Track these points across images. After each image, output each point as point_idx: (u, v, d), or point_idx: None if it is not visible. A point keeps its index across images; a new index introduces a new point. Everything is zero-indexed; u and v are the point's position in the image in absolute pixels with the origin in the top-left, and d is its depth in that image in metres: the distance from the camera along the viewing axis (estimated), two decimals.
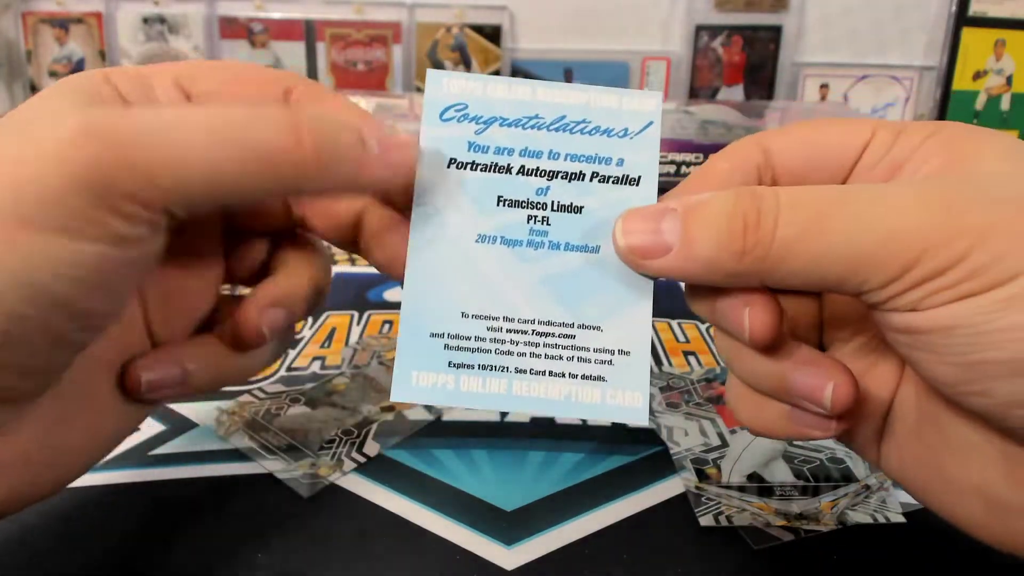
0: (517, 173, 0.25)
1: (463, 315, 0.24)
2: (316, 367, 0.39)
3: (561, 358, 0.24)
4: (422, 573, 0.26)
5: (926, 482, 0.23)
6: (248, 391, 0.37)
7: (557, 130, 0.25)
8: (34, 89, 0.79)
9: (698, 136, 0.55)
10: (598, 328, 0.24)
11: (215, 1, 0.78)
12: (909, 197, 0.19)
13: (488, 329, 0.24)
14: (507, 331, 0.24)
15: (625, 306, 0.24)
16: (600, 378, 0.24)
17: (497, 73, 0.79)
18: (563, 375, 0.24)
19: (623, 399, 0.24)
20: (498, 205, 0.24)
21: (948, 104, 0.77)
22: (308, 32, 0.78)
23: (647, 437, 0.34)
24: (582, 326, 0.24)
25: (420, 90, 0.79)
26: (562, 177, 0.25)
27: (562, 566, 0.27)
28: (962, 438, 0.21)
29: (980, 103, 0.77)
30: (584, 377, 0.24)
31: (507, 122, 0.25)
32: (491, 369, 0.24)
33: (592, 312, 0.24)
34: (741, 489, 0.31)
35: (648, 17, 0.79)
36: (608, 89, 0.25)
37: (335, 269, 0.50)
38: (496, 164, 0.25)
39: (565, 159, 0.25)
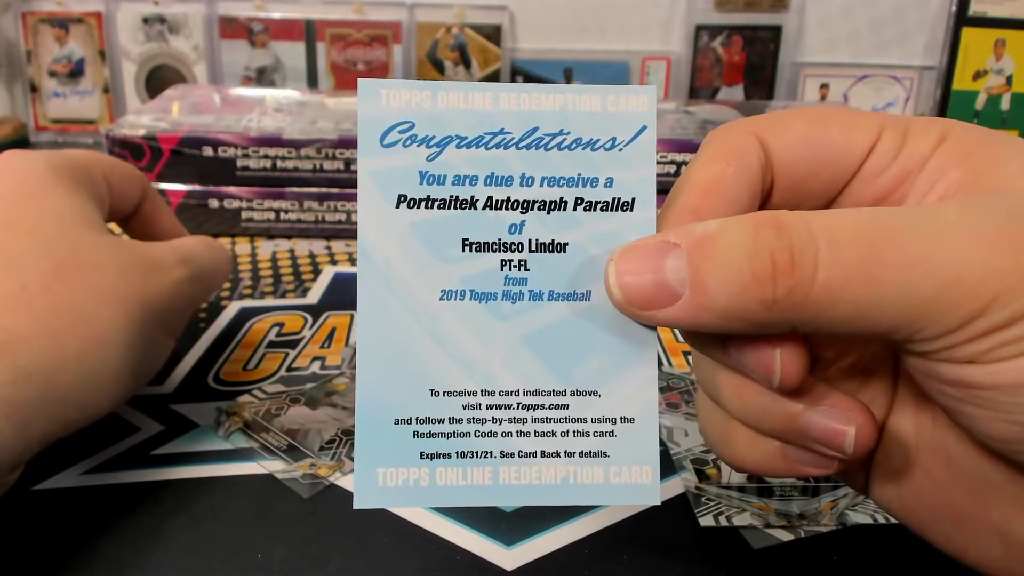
0: (484, 207, 0.20)
1: (432, 393, 0.20)
2: (316, 367, 0.39)
3: (554, 434, 0.20)
4: (422, 573, 0.26)
5: (932, 519, 0.21)
6: (248, 391, 0.37)
7: (529, 147, 0.20)
8: (34, 89, 0.79)
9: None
10: (595, 393, 0.20)
11: (215, 1, 0.78)
12: (967, 231, 0.17)
13: (464, 407, 0.20)
14: (487, 407, 0.20)
15: (625, 364, 0.20)
16: (602, 453, 0.20)
17: (497, 73, 0.79)
18: (558, 454, 0.20)
19: (630, 476, 0.20)
20: (464, 250, 0.20)
21: (948, 104, 0.77)
22: (308, 32, 0.78)
23: None
24: (576, 393, 0.20)
25: None
26: (539, 207, 0.20)
27: (562, 566, 0.27)
28: (980, 476, 0.20)
29: (980, 103, 0.77)
30: (583, 454, 0.20)
31: (466, 141, 0.20)
32: (472, 456, 0.20)
33: (586, 374, 0.20)
34: (741, 489, 0.31)
35: (648, 17, 0.79)
36: (588, 88, 0.20)
37: (336, 270, 0.50)
38: (457, 198, 0.20)
39: (541, 184, 0.20)
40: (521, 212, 0.20)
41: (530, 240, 0.20)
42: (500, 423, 0.20)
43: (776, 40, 0.78)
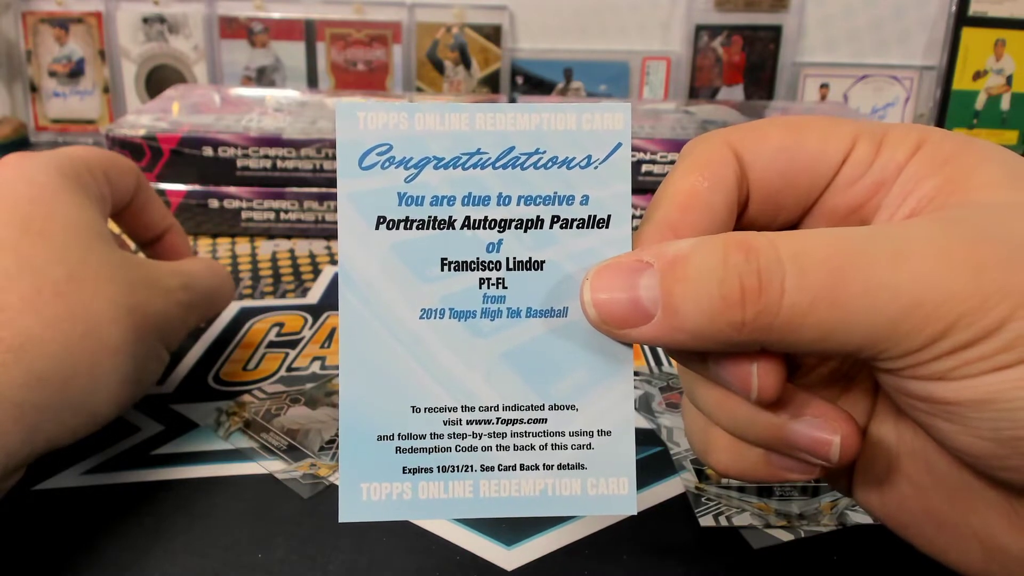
0: (462, 227, 0.21)
1: (414, 409, 0.21)
2: (316, 367, 0.39)
3: (533, 448, 0.21)
4: (422, 573, 0.26)
5: (914, 523, 0.21)
6: (248, 391, 0.37)
7: (505, 167, 0.21)
8: (34, 89, 0.79)
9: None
10: (572, 407, 0.21)
11: (215, 1, 0.78)
12: (931, 254, 0.17)
13: (445, 423, 0.21)
14: (467, 423, 0.21)
15: (601, 378, 0.21)
16: (579, 466, 0.21)
17: (497, 73, 0.79)
18: (536, 467, 0.21)
19: (607, 487, 0.21)
20: (443, 270, 0.21)
21: (948, 104, 0.77)
22: (308, 32, 0.78)
23: (647, 438, 0.34)
24: (554, 407, 0.21)
25: (420, 90, 0.79)
26: (516, 226, 0.21)
27: (562, 566, 0.27)
28: (960, 482, 0.20)
29: (980, 103, 0.77)
30: (561, 467, 0.21)
31: (443, 163, 0.20)
32: (453, 470, 0.21)
33: (564, 389, 0.21)
34: (741, 489, 0.31)
35: (648, 17, 0.79)
36: (563, 106, 0.21)
37: (336, 269, 0.50)
38: (435, 218, 0.20)
39: (518, 203, 0.21)
40: (498, 231, 0.21)
41: (508, 258, 0.21)
42: (480, 438, 0.21)
43: (776, 40, 0.78)
